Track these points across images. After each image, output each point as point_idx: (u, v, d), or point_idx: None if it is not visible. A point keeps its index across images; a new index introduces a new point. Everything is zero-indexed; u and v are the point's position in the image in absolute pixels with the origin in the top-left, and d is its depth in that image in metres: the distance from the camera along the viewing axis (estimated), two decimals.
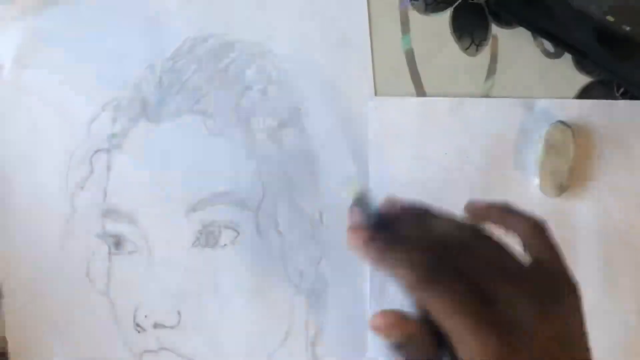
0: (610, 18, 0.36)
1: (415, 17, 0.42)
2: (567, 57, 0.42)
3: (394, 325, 0.31)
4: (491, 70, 0.43)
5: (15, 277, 0.41)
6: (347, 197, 0.32)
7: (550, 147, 0.41)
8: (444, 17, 0.42)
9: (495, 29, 0.42)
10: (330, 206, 0.42)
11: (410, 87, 0.43)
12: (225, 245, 0.41)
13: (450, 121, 0.42)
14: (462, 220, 0.32)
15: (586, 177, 0.42)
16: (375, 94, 0.42)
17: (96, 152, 0.41)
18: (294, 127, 0.42)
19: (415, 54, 0.43)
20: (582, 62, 0.42)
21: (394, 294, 0.40)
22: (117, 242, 0.41)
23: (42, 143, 0.41)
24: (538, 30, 0.41)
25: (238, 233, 0.41)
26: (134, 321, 0.41)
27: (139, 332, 0.41)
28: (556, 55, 0.42)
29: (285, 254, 0.42)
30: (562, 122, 0.41)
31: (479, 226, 0.32)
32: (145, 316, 0.41)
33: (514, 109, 0.42)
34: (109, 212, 0.41)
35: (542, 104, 0.42)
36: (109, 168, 0.41)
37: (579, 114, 0.42)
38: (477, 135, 0.42)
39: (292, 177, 0.42)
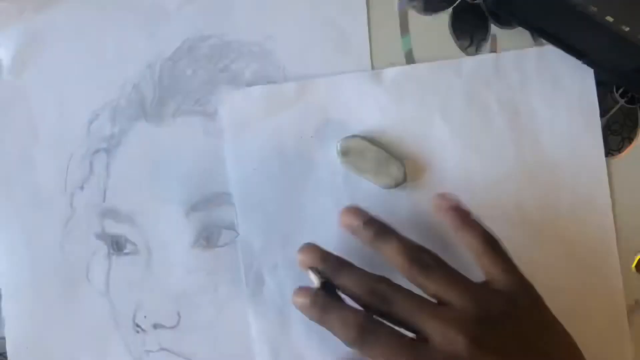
0: (610, 18, 0.36)
1: (415, 18, 0.42)
2: None
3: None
4: None
5: (15, 277, 0.41)
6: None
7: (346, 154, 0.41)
8: (443, 18, 0.43)
9: (494, 29, 0.42)
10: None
11: None
12: (225, 245, 0.41)
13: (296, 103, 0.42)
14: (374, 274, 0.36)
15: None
16: None
17: (96, 152, 0.41)
18: None
19: (415, 54, 0.43)
20: (582, 62, 0.42)
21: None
22: (117, 243, 0.41)
23: (41, 143, 0.41)
24: (537, 30, 0.41)
25: (238, 234, 0.41)
26: (134, 321, 0.41)
27: (138, 332, 0.41)
28: None
29: None
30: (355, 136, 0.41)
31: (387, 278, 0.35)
32: (145, 317, 0.41)
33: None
34: (109, 213, 0.41)
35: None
36: (108, 169, 0.41)
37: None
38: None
39: None
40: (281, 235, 0.41)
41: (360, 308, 0.35)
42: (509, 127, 0.42)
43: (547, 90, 0.42)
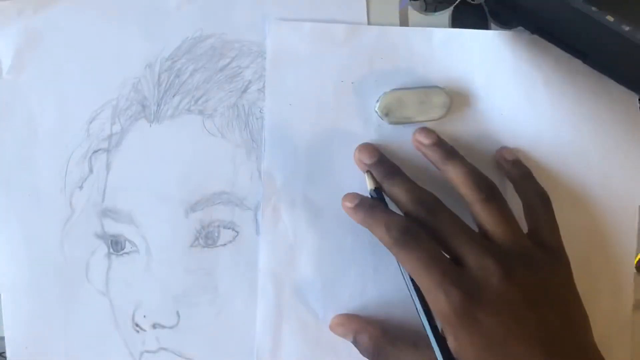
0: (610, 18, 0.36)
1: (415, 17, 0.42)
2: None
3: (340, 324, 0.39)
4: None
5: (14, 277, 0.41)
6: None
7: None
8: (444, 17, 0.43)
9: (494, 28, 0.42)
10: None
11: None
12: (224, 245, 0.41)
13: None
14: (425, 189, 0.37)
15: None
16: None
17: (95, 152, 0.41)
18: None
19: None
20: (582, 62, 0.42)
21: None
22: (116, 242, 0.41)
23: (40, 143, 0.41)
24: (538, 30, 0.41)
25: (237, 233, 0.41)
26: (133, 321, 0.41)
27: (138, 332, 0.41)
28: None
29: None
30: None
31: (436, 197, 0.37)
32: (144, 316, 0.41)
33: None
34: (108, 212, 0.41)
35: None
36: (108, 168, 0.41)
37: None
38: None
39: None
40: (305, 175, 0.41)
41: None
42: (551, 109, 0.42)
43: (593, 81, 0.42)
